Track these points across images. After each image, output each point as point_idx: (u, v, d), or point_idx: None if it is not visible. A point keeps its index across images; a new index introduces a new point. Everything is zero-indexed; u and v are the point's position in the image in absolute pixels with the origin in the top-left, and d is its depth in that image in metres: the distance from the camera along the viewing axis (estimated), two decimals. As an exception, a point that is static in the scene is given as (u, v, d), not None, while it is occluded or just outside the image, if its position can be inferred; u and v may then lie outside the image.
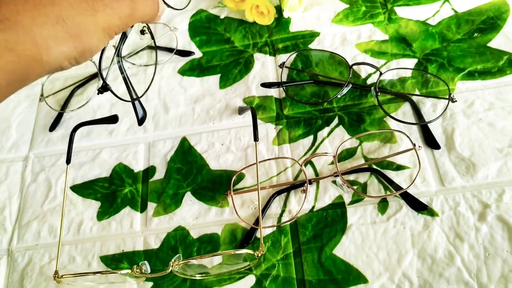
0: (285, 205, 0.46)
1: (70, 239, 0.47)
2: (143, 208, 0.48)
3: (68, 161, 0.47)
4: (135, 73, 0.58)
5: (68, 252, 0.47)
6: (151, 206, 0.48)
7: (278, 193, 0.46)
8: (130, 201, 0.49)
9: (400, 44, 0.54)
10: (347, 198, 0.45)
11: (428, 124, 0.48)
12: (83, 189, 0.50)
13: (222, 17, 0.61)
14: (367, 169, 0.46)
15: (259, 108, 0.52)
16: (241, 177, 0.48)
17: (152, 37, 0.45)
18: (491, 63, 0.51)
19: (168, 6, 0.38)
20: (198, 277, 0.43)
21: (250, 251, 0.40)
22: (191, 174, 0.49)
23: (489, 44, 0.52)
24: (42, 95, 0.56)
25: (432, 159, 0.46)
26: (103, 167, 0.51)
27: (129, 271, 0.40)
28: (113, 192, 0.50)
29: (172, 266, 0.40)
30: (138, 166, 0.51)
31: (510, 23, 0.53)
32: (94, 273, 0.42)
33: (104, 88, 0.39)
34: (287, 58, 0.55)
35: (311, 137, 0.49)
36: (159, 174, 0.50)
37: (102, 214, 0.48)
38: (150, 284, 0.44)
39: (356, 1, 0.59)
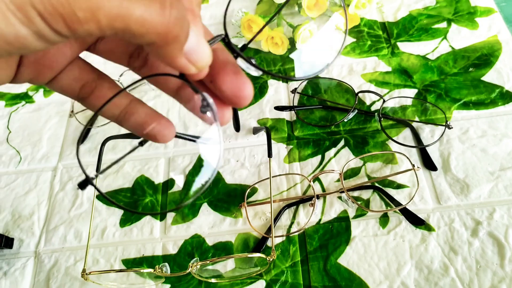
0: (294, 217, 0.50)
1: (95, 243, 0.51)
2: (162, 217, 0.52)
3: (97, 170, 0.51)
4: (158, 95, 0.63)
5: (92, 255, 0.50)
6: (170, 215, 0.52)
7: (288, 206, 0.50)
8: (150, 209, 0.53)
9: (402, 75, 0.59)
10: (351, 212, 0.49)
11: (427, 148, 0.52)
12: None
13: (239, 46, 0.67)
14: (370, 187, 0.50)
15: (272, 129, 0.57)
16: (254, 190, 0.52)
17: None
18: (484, 95, 0.55)
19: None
20: (213, 280, 0.47)
21: (263, 255, 0.44)
22: (208, 187, 0.53)
23: (483, 78, 0.57)
24: (72, 111, 0.61)
25: (430, 179, 0.50)
26: (126, 179, 0.56)
27: (151, 270, 0.44)
28: (135, 201, 0.54)
29: (191, 267, 0.44)
30: (158, 178, 0.55)
31: (502, 60, 0.58)
32: (119, 270, 0.45)
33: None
34: (299, 85, 0.60)
35: (319, 157, 0.54)
36: (177, 187, 0.54)
37: (125, 221, 0.52)
38: (168, 286, 0.47)
39: (362, 36, 0.65)
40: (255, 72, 0.24)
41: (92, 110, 0.26)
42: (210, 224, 0.51)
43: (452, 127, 0.53)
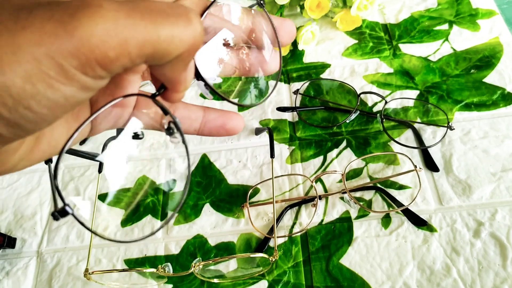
0: (296, 217, 0.50)
1: (97, 243, 0.51)
2: (163, 217, 0.52)
3: (100, 170, 0.51)
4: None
5: (94, 255, 0.50)
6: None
7: (290, 206, 0.51)
8: (151, 210, 0.53)
9: (404, 77, 0.60)
10: (353, 213, 0.49)
11: (428, 149, 0.52)
12: (109, 198, 0.54)
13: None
14: (372, 188, 0.51)
15: (274, 130, 0.57)
16: (256, 191, 0.52)
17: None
18: (486, 96, 0.56)
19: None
20: (215, 280, 0.47)
21: (265, 255, 0.44)
22: (210, 187, 0.54)
23: (485, 80, 0.57)
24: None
25: (432, 180, 0.50)
26: (128, 179, 0.56)
27: (154, 270, 0.44)
28: (136, 201, 0.54)
29: (194, 267, 0.44)
30: (160, 179, 0.55)
31: (503, 61, 0.58)
32: (122, 270, 0.45)
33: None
34: (301, 86, 0.60)
35: (321, 158, 0.54)
36: (179, 187, 0.54)
37: (126, 221, 0.52)
38: (170, 286, 0.47)
39: (364, 38, 0.65)
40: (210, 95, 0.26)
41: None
42: (212, 225, 0.51)
43: (454, 129, 0.53)
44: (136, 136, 0.25)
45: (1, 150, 0.20)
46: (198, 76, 0.25)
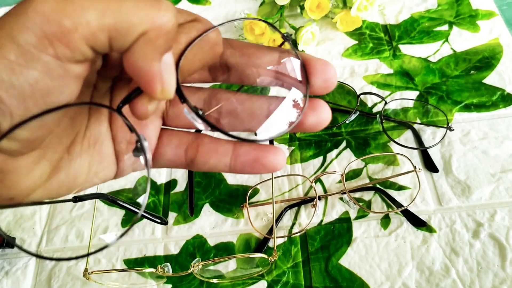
0: (295, 218, 0.50)
1: (96, 243, 0.51)
2: (164, 217, 0.52)
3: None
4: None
5: (94, 255, 0.50)
6: (172, 215, 0.52)
7: (289, 207, 0.51)
8: (152, 210, 0.53)
9: (404, 77, 0.60)
10: (352, 214, 0.49)
11: (428, 150, 0.52)
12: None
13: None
14: (371, 188, 0.51)
15: (274, 131, 0.57)
16: (256, 191, 0.52)
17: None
18: (486, 97, 0.56)
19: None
20: (214, 280, 0.47)
21: (265, 256, 0.44)
22: (210, 187, 0.54)
23: (484, 81, 0.57)
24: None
25: (431, 181, 0.50)
26: (128, 179, 0.56)
27: (153, 270, 0.44)
28: (136, 202, 0.54)
29: (193, 267, 0.44)
30: (161, 179, 0.55)
31: (503, 62, 0.58)
32: (121, 270, 0.45)
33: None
34: (300, 86, 0.60)
35: (320, 158, 0.54)
36: (180, 187, 0.54)
37: (126, 221, 0.52)
38: (169, 286, 0.47)
39: (364, 38, 0.65)
40: (201, 126, 0.22)
41: (201, 170, 0.25)
42: (212, 225, 0.51)
43: (453, 129, 0.53)
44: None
45: (10, 168, 0.20)
46: (181, 97, 0.22)
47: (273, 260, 0.44)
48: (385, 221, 0.48)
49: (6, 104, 0.17)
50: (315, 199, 0.49)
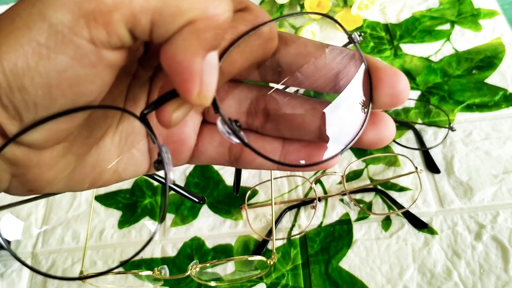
0: (295, 219, 0.49)
1: (92, 245, 0.51)
2: (161, 219, 0.51)
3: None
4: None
5: (90, 257, 0.50)
6: (170, 217, 0.52)
7: (289, 208, 0.50)
8: (149, 211, 0.52)
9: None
10: (353, 215, 0.49)
11: (430, 150, 0.51)
12: (106, 199, 0.54)
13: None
14: (372, 189, 0.50)
15: (273, 131, 0.56)
16: (254, 193, 0.52)
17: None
18: (488, 97, 0.55)
19: None
20: (212, 283, 0.46)
21: (264, 258, 0.43)
22: (208, 188, 0.53)
23: (486, 80, 0.57)
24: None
25: (433, 182, 0.50)
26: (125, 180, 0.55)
27: (150, 272, 0.43)
28: (134, 203, 0.53)
29: (191, 269, 0.43)
30: (158, 180, 0.55)
31: (506, 62, 0.58)
32: (118, 272, 0.45)
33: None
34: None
35: (320, 159, 0.53)
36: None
37: (123, 223, 0.52)
38: (167, 288, 0.47)
39: (365, 38, 0.64)
40: (236, 141, 0.20)
41: (248, 167, 0.24)
42: (210, 226, 0.50)
43: (455, 130, 0.52)
44: None
45: (33, 162, 0.18)
46: (215, 107, 0.19)
47: (271, 262, 0.43)
48: (386, 223, 0.48)
49: (30, 94, 0.16)
50: (315, 201, 0.49)
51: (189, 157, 0.24)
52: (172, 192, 0.53)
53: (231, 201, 0.52)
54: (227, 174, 0.53)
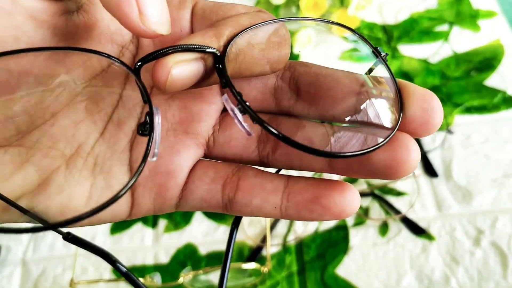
0: (290, 225, 0.48)
1: (84, 251, 0.49)
2: (154, 224, 0.51)
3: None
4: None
5: (81, 264, 0.49)
6: (163, 222, 0.51)
7: (284, 213, 0.49)
8: (142, 217, 0.51)
9: (403, 79, 0.58)
10: (349, 221, 0.48)
11: (428, 154, 0.50)
12: (98, 204, 0.53)
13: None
14: (369, 194, 0.49)
15: (268, 134, 0.55)
16: (249, 197, 0.51)
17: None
18: (487, 99, 0.54)
19: None
20: (205, 290, 0.45)
21: (257, 266, 0.42)
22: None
23: (485, 83, 0.56)
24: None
25: (431, 186, 0.49)
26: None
27: (142, 279, 0.42)
28: (126, 208, 0.52)
29: (183, 277, 0.42)
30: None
31: (505, 64, 0.57)
32: (109, 280, 0.44)
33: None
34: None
35: (316, 163, 0.52)
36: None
37: (115, 229, 0.51)
38: (159, 296, 0.46)
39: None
40: (244, 127, 0.18)
41: (243, 213, 0.20)
42: (203, 232, 0.49)
43: (453, 133, 0.51)
44: None
45: None
46: (225, 82, 0.17)
47: (265, 270, 0.42)
48: (383, 228, 0.47)
49: None
50: (311, 206, 0.48)
51: (176, 197, 0.20)
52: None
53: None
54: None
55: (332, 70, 0.20)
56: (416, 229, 0.46)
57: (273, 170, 0.21)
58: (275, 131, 0.16)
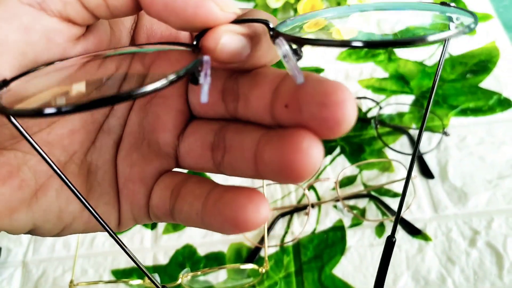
0: (288, 226, 0.49)
1: (84, 253, 0.50)
2: (153, 226, 0.51)
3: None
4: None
5: (81, 265, 0.49)
6: (162, 224, 0.51)
7: (282, 215, 0.49)
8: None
9: (399, 81, 0.58)
10: (346, 222, 0.48)
11: (424, 156, 0.51)
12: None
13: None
14: (366, 195, 0.49)
15: (266, 136, 0.56)
16: (247, 199, 0.51)
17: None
18: (482, 102, 0.55)
19: None
20: (204, 291, 0.45)
21: (255, 266, 0.43)
22: (200, 195, 0.52)
23: (481, 85, 0.56)
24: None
25: (427, 188, 0.49)
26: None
27: (140, 281, 0.43)
28: (125, 209, 0.52)
29: (182, 278, 0.42)
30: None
31: (500, 66, 0.57)
32: (108, 281, 0.44)
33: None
34: (293, 91, 0.59)
35: (314, 164, 0.53)
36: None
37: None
38: (158, 297, 0.46)
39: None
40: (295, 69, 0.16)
41: (180, 222, 0.20)
42: (202, 234, 0.50)
43: (449, 134, 0.52)
44: None
45: None
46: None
47: (263, 270, 0.43)
48: (380, 229, 0.47)
49: None
50: (308, 207, 0.48)
51: (146, 207, 0.21)
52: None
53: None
54: (219, 180, 0.53)
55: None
56: (413, 230, 0.46)
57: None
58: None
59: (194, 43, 0.17)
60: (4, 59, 0.16)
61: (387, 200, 0.49)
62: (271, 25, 0.17)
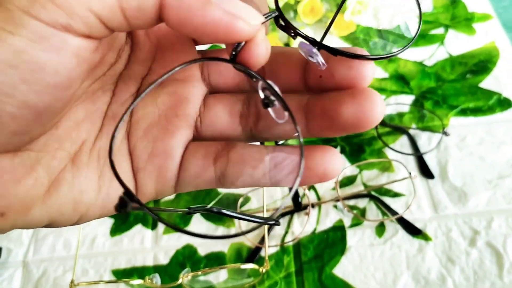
0: (288, 226, 0.49)
1: (84, 253, 0.50)
2: (154, 226, 0.51)
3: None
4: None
5: (81, 265, 0.49)
6: (162, 224, 0.51)
7: (282, 215, 0.49)
8: (142, 218, 0.52)
9: (399, 82, 0.59)
10: (347, 222, 0.48)
11: (424, 156, 0.51)
12: (98, 207, 0.53)
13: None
14: (366, 195, 0.49)
15: (266, 137, 0.56)
16: (247, 199, 0.51)
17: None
18: (482, 102, 0.55)
19: None
20: (204, 291, 0.45)
21: (256, 266, 0.43)
22: (200, 195, 0.52)
23: (480, 85, 0.56)
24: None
25: (427, 187, 0.49)
26: (118, 187, 0.55)
27: (141, 281, 0.43)
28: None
29: (182, 278, 0.42)
30: (150, 187, 0.54)
31: (500, 66, 0.57)
32: (109, 281, 0.44)
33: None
34: (293, 91, 0.59)
35: (314, 165, 0.53)
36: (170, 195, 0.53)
37: (115, 231, 0.51)
38: (159, 297, 0.46)
39: (358, 43, 0.64)
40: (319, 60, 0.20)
41: (235, 185, 0.21)
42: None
43: (449, 134, 0.52)
44: None
45: None
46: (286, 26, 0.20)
47: (263, 270, 0.43)
48: (380, 229, 0.47)
49: None
50: (308, 207, 0.48)
51: (175, 178, 0.21)
52: (164, 199, 0.53)
53: (224, 208, 0.51)
54: (220, 181, 0.53)
55: None
56: (413, 230, 0.46)
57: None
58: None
59: (232, 57, 0.19)
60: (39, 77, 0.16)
61: (387, 200, 0.49)
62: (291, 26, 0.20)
